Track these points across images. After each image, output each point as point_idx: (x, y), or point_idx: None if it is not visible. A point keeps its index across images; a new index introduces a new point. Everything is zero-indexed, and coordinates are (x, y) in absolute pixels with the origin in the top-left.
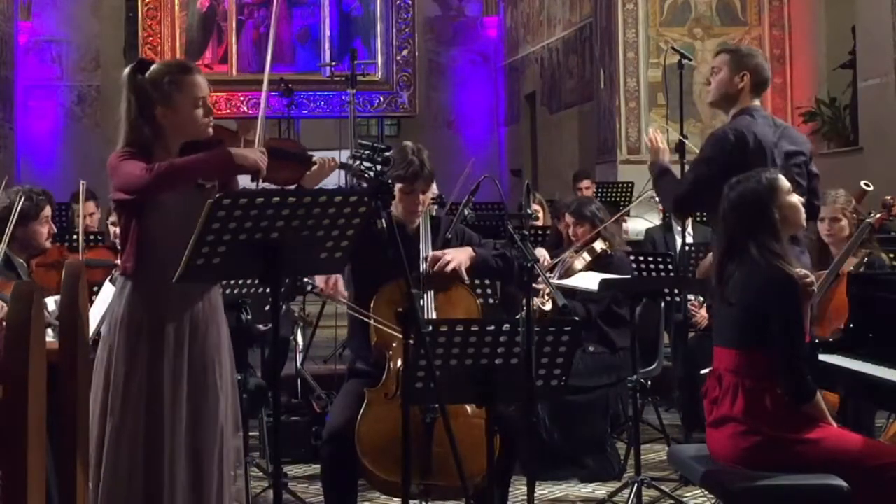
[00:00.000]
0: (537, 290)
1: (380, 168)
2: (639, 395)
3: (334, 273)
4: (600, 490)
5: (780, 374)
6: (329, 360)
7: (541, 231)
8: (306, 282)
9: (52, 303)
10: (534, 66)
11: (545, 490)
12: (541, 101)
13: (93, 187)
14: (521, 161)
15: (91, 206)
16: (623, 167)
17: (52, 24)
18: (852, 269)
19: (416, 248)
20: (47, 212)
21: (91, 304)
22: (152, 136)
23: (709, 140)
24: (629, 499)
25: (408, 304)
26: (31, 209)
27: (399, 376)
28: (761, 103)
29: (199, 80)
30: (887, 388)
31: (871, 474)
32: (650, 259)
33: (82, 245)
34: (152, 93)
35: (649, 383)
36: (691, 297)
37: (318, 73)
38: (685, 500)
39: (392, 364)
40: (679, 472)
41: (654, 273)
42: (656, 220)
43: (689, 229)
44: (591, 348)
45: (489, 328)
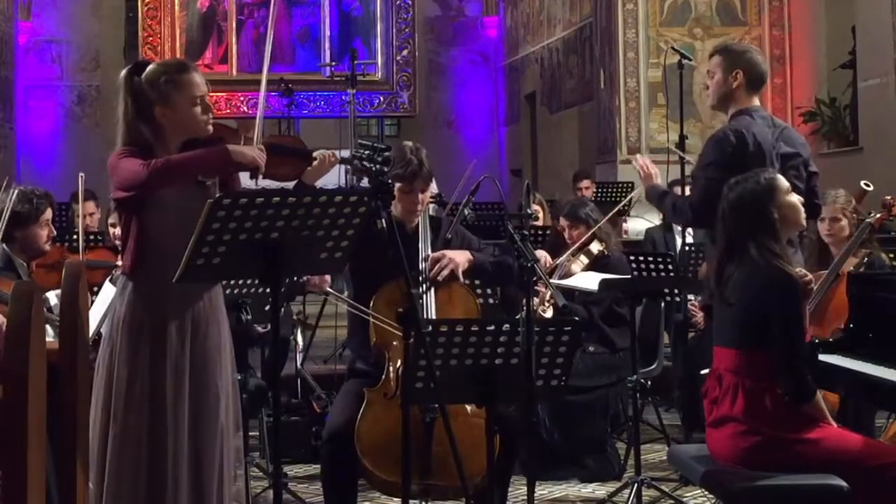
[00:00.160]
0: (538, 295)
1: (380, 167)
2: (639, 395)
3: (334, 273)
4: (600, 490)
5: (780, 374)
6: (329, 360)
7: (541, 231)
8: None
9: (53, 297)
10: (534, 66)
11: (545, 490)
12: (541, 101)
13: (93, 187)
14: (521, 161)
15: (91, 206)
16: (623, 167)
17: (52, 24)
18: (852, 269)
19: (416, 247)
20: (48, 215)
21: (91, 304)
22: (152, 136)
23: (709, 143)
24: (629, 499)
25: (408, 304)
26: (30, 212)
27: (399, 376)
28: (761, 103)
29: (197, 78)
30: (887, 388)
31: (871, 474)
32: (650, 259)
33: (82, 245)
34: (150, 93)
35: (649, 383)
36: (691, 297)
37: (318, 73)
38: (685, 500)
39: (392, 364)
40: (679, 472)
41: (654, 273)
42: (656, 220)
43: (689, 229)
44: (591, 348)
45: (489, 328)
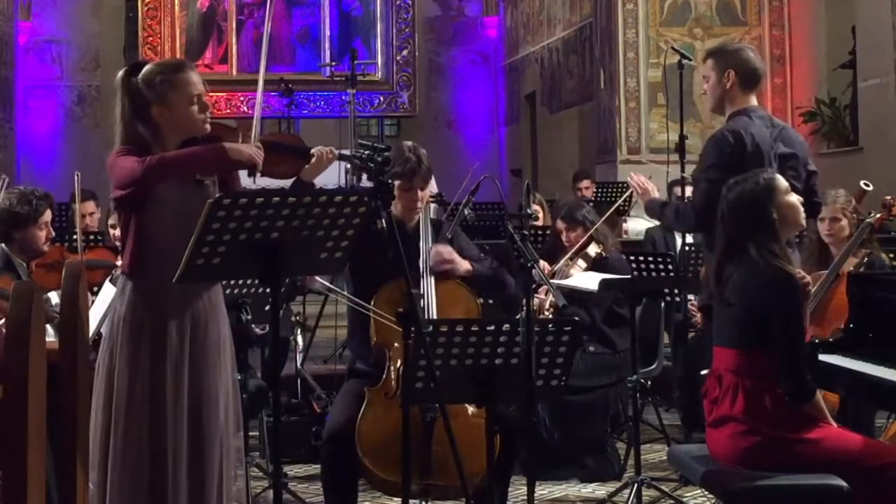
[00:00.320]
0: (538, 304)
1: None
2: (639, 395)
3: (334, 273)
4: (600, 490)
5: (780, 374)
6: (329, 360)
7: (541, 231)
8: None
9: (54, 296)
10: (534, 66)
11: (545, 490)
12: (541, 101)
13: (92, 187)
14: (521, 161)
15: (91, 206)
16: (623, 167)
17: (52, 24)
18: (852, 269)
19: (416, 246)
20: (47, 216)
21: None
22: (150, 136)
23: (708, 144)
24: (629, 499)
25: (408, 304)
26: (29, 213)
27: (399, 376)
28: (761, 103)
29: (193, 77)
30: (887, 388)
31: (871, 474)
32: (650, 259)
33: (81, 245)
34: (147, 93)
35: (649, 383)
36: (691, 297)
37: (318, 73)
38: (685, 500)
39: (392, 364)
40: (679, 472)
41: (654, 273)
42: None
43: None
44: (591, 348)
45: (489, 328)
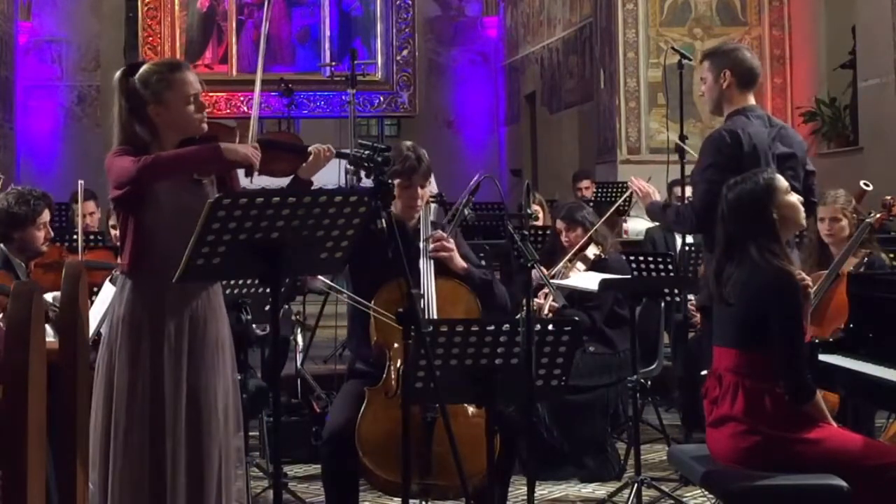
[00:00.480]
0: (537, 307)
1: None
2: (639, 395)
3: (334, 273)
4: (600, 490)
5: (780, 374)
6: (329, 360)
7: (540, 231)
8: None
9: (49, 296)
10: (534, 66)
11: (545, 490)
12: (541, 101)
13: (92, 187)
14: (521, 161)
15: (91, 206)
16: (623, 167)
17: (52, 24)
18: (852, 269)
19: (416, 246)
20: (45, 217)
21: (91, 304)
22: (147, 136)
23: (705, 144)
24: (629, 499)
25: (408, 304)
26: (27, 213)
27: (399, 376)
28: (761, 103)
29: (190, 77)
30: (887, 388)
31: (871, 474)
32: (650, 259)
33: (81, 245)
34: (143, 93)
35: (649, 383)
36: (691, 297)
37: (318, 73)
38: (685, 500)
39: (392, 363)
40: (679, 472)
41: (654, 273)
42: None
43: None
44: (591, 348)
45: (489, 328)
